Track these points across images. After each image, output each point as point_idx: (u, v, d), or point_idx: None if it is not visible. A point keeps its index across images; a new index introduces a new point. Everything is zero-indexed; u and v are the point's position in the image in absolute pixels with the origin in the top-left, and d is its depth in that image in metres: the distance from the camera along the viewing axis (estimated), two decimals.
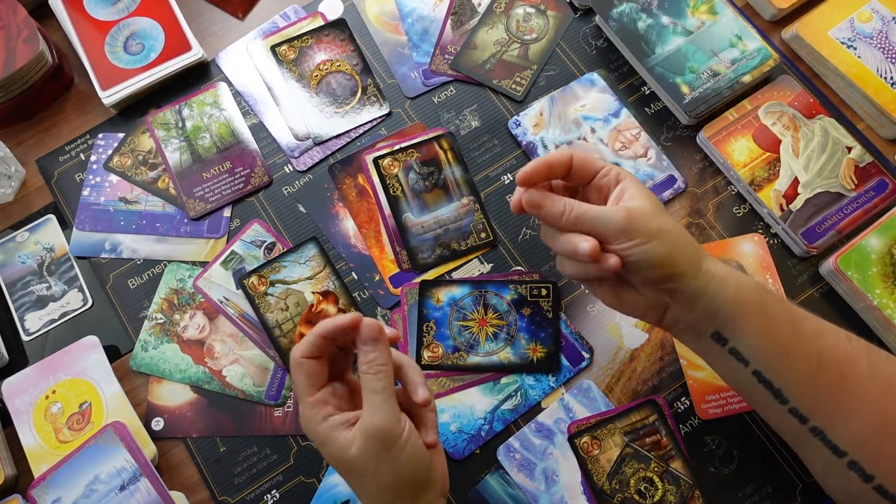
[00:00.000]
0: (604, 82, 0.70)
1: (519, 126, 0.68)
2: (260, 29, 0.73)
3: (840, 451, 0.44)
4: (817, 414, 0.45)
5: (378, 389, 0.43)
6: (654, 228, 0.45)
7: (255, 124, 0.70)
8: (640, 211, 0.45)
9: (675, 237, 0.46)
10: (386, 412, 0.42)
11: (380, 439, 0.42)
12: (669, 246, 0.45)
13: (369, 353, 0.43)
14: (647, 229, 0.44)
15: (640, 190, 0.47)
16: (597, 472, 0.57)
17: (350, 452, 0.42)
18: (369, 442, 0.42)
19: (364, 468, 0.43)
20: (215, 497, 0.59)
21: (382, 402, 0.43)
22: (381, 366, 0.43)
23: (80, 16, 0.71)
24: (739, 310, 0.45)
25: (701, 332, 0.47)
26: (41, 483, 0.55)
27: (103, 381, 0.60)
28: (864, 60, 0.67)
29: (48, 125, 0.71)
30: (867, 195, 0.63)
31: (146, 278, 0.65)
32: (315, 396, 0.45)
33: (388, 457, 0.42)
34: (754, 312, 0.45)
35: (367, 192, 0.67)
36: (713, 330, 0.46)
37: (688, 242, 0.47)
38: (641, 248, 0.44)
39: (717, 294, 0.45)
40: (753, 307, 0.45)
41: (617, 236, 0.45)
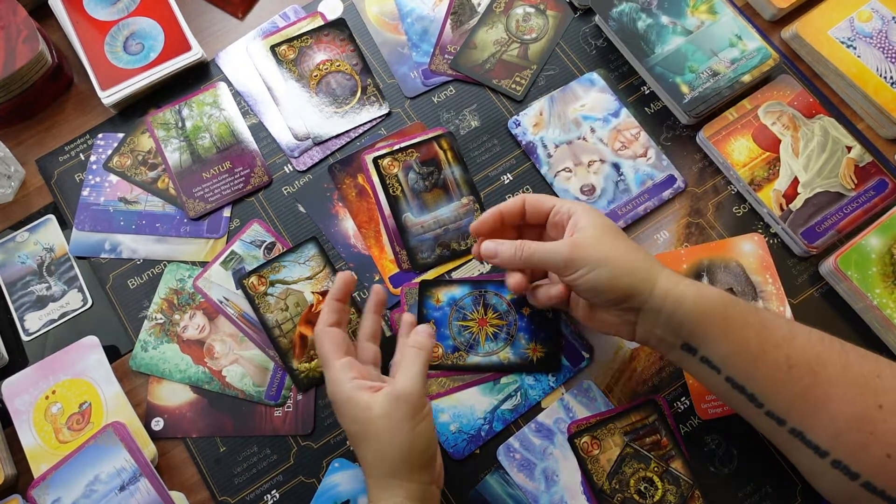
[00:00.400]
0: (603, 82, 0.69)
1: (519, 126, 0.68)
2: (260, 29, 0.73)
3: (821, 451, 0.45)
4: (793, 416, 0.45)
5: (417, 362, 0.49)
6: (596, 257, 0.48)
7: (254, 124, 0.70)
8: (583, 243, 0.49)
9: (621, 262, 0.48)
10: (420, 383, 0.48)
11: (408, 403, 0.46)
12: (614, 271, 0.48)
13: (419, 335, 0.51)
14: (591, 259, 0.48)
15: (590, 219, 0.51)
16: (597, 472, 0.57)
17: (372, 412, 0.46)
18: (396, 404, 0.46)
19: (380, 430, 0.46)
20: (215, 497, 0.59)
21: (418, 374, 0.48)
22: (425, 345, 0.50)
23: (79, 16, 0.71)
24: (701, 322, 0.47)
25: (671, 345, 0.49)
26: (41, 483, 0.55)
27: (103, 381, 0.60)
28: (864, 60, 0.67)
29: (48, 125, 0.71)
30: (867, 195, 0.63)
31: (146, 278, 0.65)
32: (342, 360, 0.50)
33: (409, 423, 0.46)
34: (717, 323, 0.47)
35: (366, 192, 0.67)
36: (681, 342, 0.49)
37: (637, 265, 0.49)
38: (586, 276, 0.48)
39: (675, 310, 0.47)
40: (716, 318, 0.47)
41: (564, 268, 0.49)
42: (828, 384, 0.45)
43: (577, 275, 0.49)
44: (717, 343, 0.47)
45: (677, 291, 0.48)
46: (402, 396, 0.47)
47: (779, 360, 0.45)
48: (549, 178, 0.66)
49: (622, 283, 0.48)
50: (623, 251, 0.49)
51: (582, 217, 0.51)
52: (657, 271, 0.49)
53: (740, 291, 0.61)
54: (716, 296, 0.48)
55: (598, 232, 0.50)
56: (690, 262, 0.63)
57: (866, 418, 0.44)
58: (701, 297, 0.47)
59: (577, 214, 0.51)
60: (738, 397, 0.48)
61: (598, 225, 0.50)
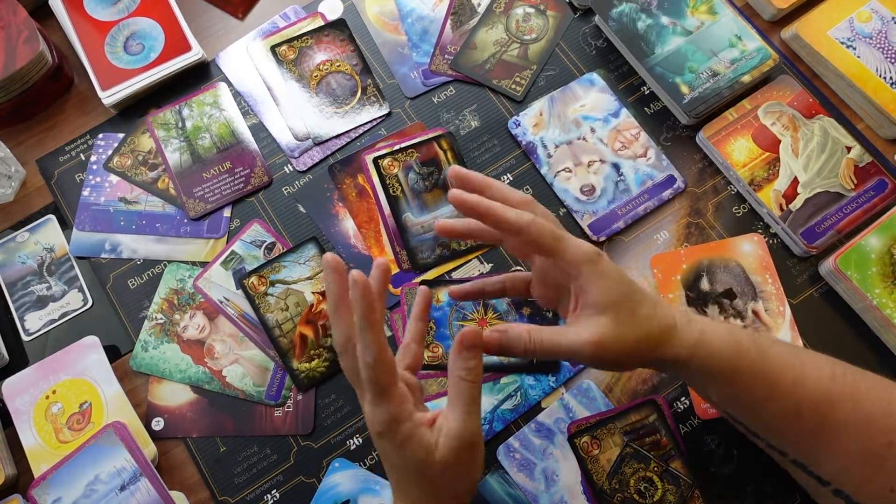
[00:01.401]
0: (603, 82, 0.70)
1: (519, 126, 0.68)
2: (260, 29, 0.73)
3: (823, 482, 0.44)
4: (796, 452, 0.45)
5: (476, 398, 0.42)
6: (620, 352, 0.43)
7: (254, 124, 0.70)
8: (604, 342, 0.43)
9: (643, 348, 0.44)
10: (478, 422, 0.42)
11: (472, 448, 0.42)
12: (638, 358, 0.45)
13: (470, 360, 0.42)
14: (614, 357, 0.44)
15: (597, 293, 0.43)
16: (596, 471, 0.57)
17: (435, 456, 0.41)
18: (461, 450, 0.41)
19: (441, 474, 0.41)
20: (215, 497, 0.59)
21: (476, 411, 0.42)
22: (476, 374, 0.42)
23: (80, 16, 0.71)
24: (707, 382, 0.46)
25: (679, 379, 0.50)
26: (41, 483, 0.55)
27: (103, 381, 0.60)
28: (864, 60, 0.67)
29: (48, 125, 0.71)
30: (867, 195, 0.63)
31: (146, 278, 0.65)
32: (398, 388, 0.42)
33: (471, 466, 0.42)
34: (723, 384, 0.45)
35: (366, 192, 0.67)
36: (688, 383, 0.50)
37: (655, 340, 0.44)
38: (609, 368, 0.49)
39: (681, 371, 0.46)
40: (721, 377, 0.45)
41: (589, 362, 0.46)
42: (837, 424, 0.44)
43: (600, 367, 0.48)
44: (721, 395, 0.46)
45: (685, 353, 0.44)
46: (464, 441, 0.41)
47: (787, 407, 0.44)
48: (549, 178, 0.66)
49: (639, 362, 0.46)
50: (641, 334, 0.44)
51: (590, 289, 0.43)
52: (670, 336, 0.44)
53: (740, 291, 0.61)
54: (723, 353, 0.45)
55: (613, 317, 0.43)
56: (690, 262, 0.63)
57: (875, 455, 0.43)
58: (708, 358, 0.45)
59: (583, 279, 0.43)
60: (738, 426, 0.48)
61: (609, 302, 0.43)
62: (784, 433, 0.45)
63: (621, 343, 0.43)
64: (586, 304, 0.44)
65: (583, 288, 0.43)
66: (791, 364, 0.45)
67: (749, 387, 0.45)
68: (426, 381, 0.60)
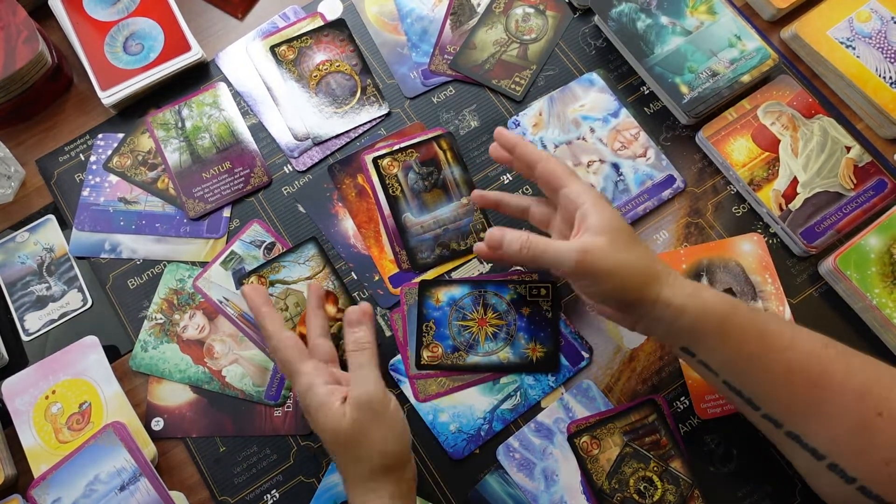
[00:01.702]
0: (603, 82, 0.70)
1: (518, 126, 0.68)
2: (259, 29, 0.73)
3: (818, 455, 0.45)
4: (790, 420, 0.45)
5: (364, 363, 0.47)
6: (604, 269, 0.46)
7: (254, 124, 0.70)
8: (593, 251, 0.46)
9: (628, 274, 0.47)
10: (372, 383, 0.47)
11: (370, 408, 0.46)
12: (620, 284, 0.47)
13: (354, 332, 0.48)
14: (599, 270, 0.46)
15: (600, 217, 0.48)
16: (596, 471, 0.57)
17: (344, 422, 0.46)
18: (360, 411, 0.46)
19: (355, 438, 0.46)
20: (215, 497, 0.59)
21: (368, 373, 0.47)
22: (364, 343, 0.48)
23: (79, 16, 0.71)
24: (698, 335, 0.47)
25: (671, 344, 0.50)
26: (41, 483, 0.55)
27: (103, 381, 0.60)
28: (863, 60, 0.67)
29: (48, 125, 0.71)
30: (866, 195, 0.63)
31: (146, 278, 0.65)
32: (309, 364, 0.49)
33: (376, 426, 0.46)
34: (714, 336, 0.47)
35: (366, 192, 0.67)
36: (680, 345, 0.49)
37: (643, 276, 0.47)
38: (592, 288, 0.48)
39: (673, 321, 0.47)
40: (713, 332, 0.47)
41: (570, 275, 0.48)
42: (828, 391, 0.44)
43: (582, 284, 0.48)
44: (714, 352, 0.47)
45: (678, 302, 0.47)
46: (361, 403, 0.46)
47: (778, 366, 0.45)
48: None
49: (625, 296, 0.48)
50: (632, 260, 0.47)
51: (591, 213, 0.48)
52: (662, 280, 0.48)
53: (739, 291, 0.61)
54: (717, 306, 0.47)
55: (608, 238, 0.47)
56: (690, 262, 0.63)
57: (866, 426, 0.43)
58: (702, 309, 0.47)
59: (586, 207, 0.49)
60: (735, 398, 0.48)
61: (608, 227, 0.48)
62: (776, 395, 0.46)
63: (608, 260, 0.46)
64: (587, 228, 0.48)
65: (585, 214, 0.48)
66: (783, 329, 0.47)
67: (741, 342, 0.46)
68: (426, 381, 0.60)
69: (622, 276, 0.47)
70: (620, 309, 0.50)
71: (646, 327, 0.50)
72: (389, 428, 0.46)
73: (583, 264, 0.46)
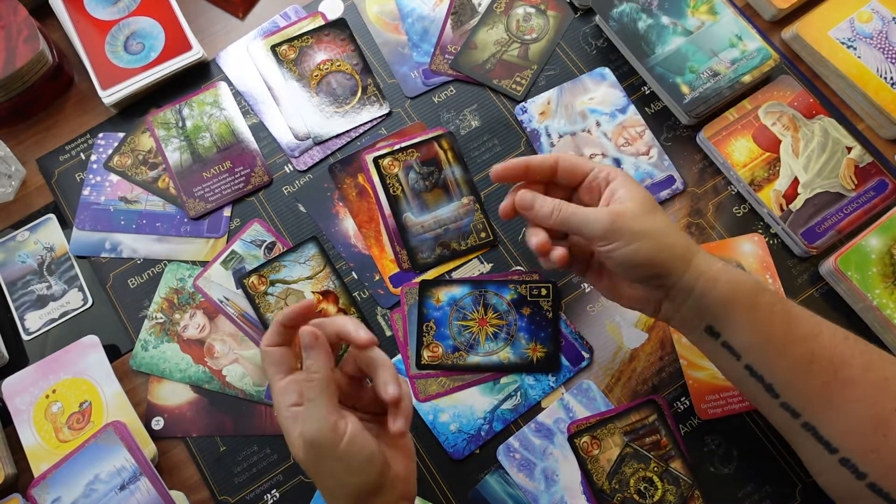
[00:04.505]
0: (614, 77, 0.70)
1: (525, 112, 0.69)
2: (260, 29, 0.73)
3: (832, 448, 0.44)
4: (808, 409, 0.45)
5: (313, 397, 0.43)
6: (637, 230, 0.46)
7: (255, 124, 0.70)
8: (625, 213, 0.46)
9: (660, 238, 0.47)
10: (316, 421, 0.42)
11: (317, 446, 0.42)
12: (653, 247, 0.46)
13: (306, 359, 0.43)
14: (630, 231, 0.46)
15: (630, 190, 0.48)
16: (596, 471, 0.57)
17: (300, 454, 0.43)
18: (309, 448, 0.43)
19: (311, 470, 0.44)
20: (215, 496, 0.59)
21: (314, 409, 0.43)
22: (314, 373, 0.43)
23: (80, 15, 0.71)
24: (729, 308, 0.46)
25: (694, 326, 0.49)
26: (41, 482, 0.55)
27: (103, 380, 0.60)
28: (864, 61, 0.67)
29: (48, 125, 0.71)
30: (867, 195, 0.63)
31: (146, 278, 0.65)
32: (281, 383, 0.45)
33: (328, 462, 0.43)
34: (744, 310, 0.46)
35: (367, 192, 0.67)
36: (705, 324, 0.48)
37: (675, 242, 0.47)
38: (623, 249, 0.46)
39: (705, 293, 0.46)
40: (744, 305, 0.46)
41: (600, 238, 0.47)
42: (847, 382, 0.44)
43: (613, 246, 0.46)
44: (741, 330, 0.46)
45: (711, 273, 0.46)
46: (306, 441, 0.43)
47: (802, 353, 0.45)
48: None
49: (658, 260, 0.46)
50: (662, 226, 0.47)
51: (621, 185, 0.48)
52: (693, 250, 0.48)
53: None
54: (748, 282, 0.47)
55: (639, 204, 0.47)
56: None
57: (881, 420, 0.43)
58: (733, 281, 0.46)
59: (617, 182, 0.49)
60: (754, 386, 0.47)
61: (639, 197, 0.48)
62: (798, 382, 0.45)
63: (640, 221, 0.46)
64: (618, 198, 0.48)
65: (614, 188, 0.48)
66: (807, 316, 0.47)
67: (769, 322, 0.46)
68: (426, 381, 0.60)
69: (653, 239, 0.46)
70: (649, 280, 0.48)
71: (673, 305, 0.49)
72: (343, 463, 0.42)
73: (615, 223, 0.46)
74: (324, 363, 0.44)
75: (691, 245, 0.48)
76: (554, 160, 0.51)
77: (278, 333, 0.47)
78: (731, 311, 0.46)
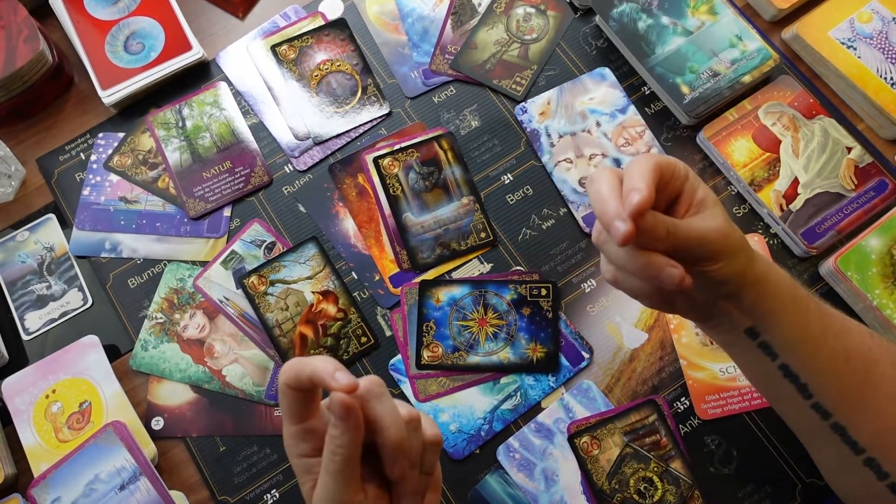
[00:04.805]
0: (614, 78, 0.70)
1: (525, 112, 0.69)
2: (260, 29, 0.73)
3: (858, 448, 0.44)
4: (841, 409, 0.44)
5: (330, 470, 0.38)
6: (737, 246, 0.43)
7: (255, 124, 0.70)
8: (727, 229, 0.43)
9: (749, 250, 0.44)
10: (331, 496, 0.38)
11: None
12: (746, 260, 0.44)
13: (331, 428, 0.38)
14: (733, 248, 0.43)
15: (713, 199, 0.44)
16: (596, 472, 0.57)
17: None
18: None
19: None
20: (215, 496, 0.59)
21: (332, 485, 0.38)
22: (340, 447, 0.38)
23: (80, 15, 0.71)
24: (775, 306, 0.45)
25: (735, 326, 0.46)
26: (41, 482, 0.55)
27: (103, 380, 0.60)
28: (865, 61, 0.67)
29: (48, 124, 0.71)
30: (867, 195, 0.63)
31: (146, 278, 0.65)
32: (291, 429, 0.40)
33: None
34: (789, 309, 0.45)
35: (367, 192, 0.67)
36: (749, 325, 0.45)
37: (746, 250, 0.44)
38: (725, 268, 0.43)
39: (759, 294, 0.44)
40: (788, 303, 0.45)
41: (709, 258, 0.42)
42: (880, 381, 0.44)
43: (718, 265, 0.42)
44: (784, 326, 0.45)
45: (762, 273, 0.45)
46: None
47: (837, 350, 0.44)
48: (550, 167, 0.66)
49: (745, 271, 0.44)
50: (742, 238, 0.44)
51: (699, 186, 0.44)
52: (749, 254, 0.44)
53: None
54: (787, 278, 0.46)
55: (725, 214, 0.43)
56: None
57: None
58: (779, 276, 0.45)
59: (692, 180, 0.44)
60: (786, 388, 0.45)
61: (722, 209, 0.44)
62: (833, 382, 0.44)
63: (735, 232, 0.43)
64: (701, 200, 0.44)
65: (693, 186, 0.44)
66: (835, 313, 0.46)
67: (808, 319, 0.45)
68: (426, 381, 0.60)
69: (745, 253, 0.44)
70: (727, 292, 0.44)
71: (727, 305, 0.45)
72: None
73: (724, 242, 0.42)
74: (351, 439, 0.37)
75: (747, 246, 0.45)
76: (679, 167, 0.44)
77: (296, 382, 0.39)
78: (778, 308, 0.45)
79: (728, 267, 0.43)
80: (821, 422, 0.45)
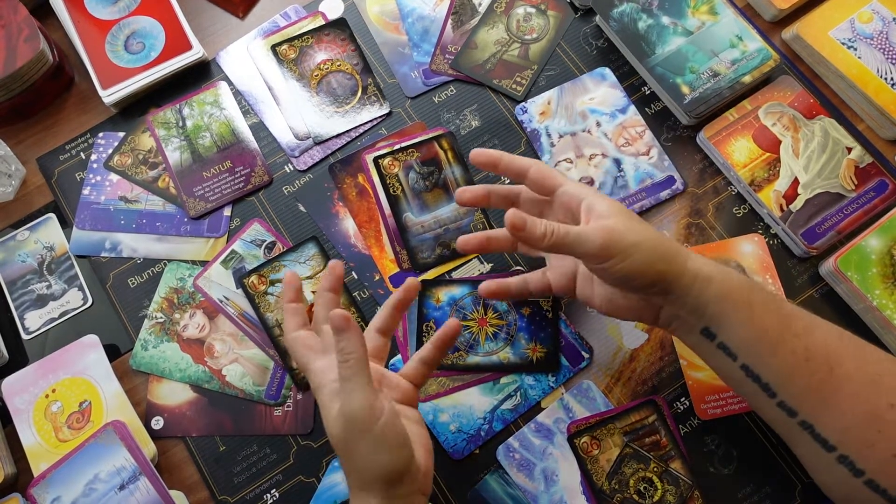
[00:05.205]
0: (615, 77, 0.69)
1: (525, 112, 0.69)
2: (260, 28, 0.73)
3: (829, 446, 0.45)
4: (804, 408, 0.45)
5: (348, 377, 0.44)
6: (631, 242, 0.46)
7: (255, 123, 0.70)
8: (616, 228, 0.46)
9: (654, 246, 0.47)
10: (357, 399, 0.44)
11: (354, 424, 0.44)
12: (650, 256, 0.46)
13: (339, 342, 0.44)
14: (625, 245, 0.46)
15: (608, 204, 0.48)
16: (596, 472, 0.57)
17: (336, 431, 0.45)
18: (346, 425, 0.44)
19: (345, 449, 0.45)
20: (215, 496, 0.59)
21: (354, 386, 0.44)
22: (349, 353, 0.44)
23: (80, 15, 0.71)
24: (724, 306, 0.47)
25: (691, 328, 0.49)
26: (41, 482, 0.55)
27: (103, 380, 0.60)
28: (865, 61, 0.67)
29: (48, 124, 0.71)
30: (867, 196, 0.63)
31: (146, 277, 0.65)
32: (321, 363, 0.48)
33: (363, 441, 0.44)
34: (740, 308, 0.46)
35: (367, 192, 0.67)
36: (702, 326, 0.48)
37: (668, 247, 0.48)
38: (622, 264, 0.46)
39: (701, 291, 0.47)
40: (739, 303, 0.46)
41: (595, 256, 0.46)
42: (843, 379, 0.45)
43: (611, 262, 0.46)
44: (738, 328, 0.46)
45: (705, 272, 0.47)
46: (346, 417, 0.44)
47: (797, 350, 0.45)
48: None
49: (656, 268, 0.47)
50: (652, 234, 0.48)
51: (597, 202, 0.48)
52: (685, 253, 0.48)
53: None
54: (741, 279, 0.48)
55: (623, 217, 0.47)
56: None
57: (876, 416, 0.44)
58: (727, 280, 0.47)
59: (590, 200, 0.49)
60: (751, 386, 0.47)
61: (618, 210, 0.48)
62: (794, 379, 0.45)
63: (631, 233, 0.46)
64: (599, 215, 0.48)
65: (591, 204, 0.48)
66: (801, 314, 0.47)
67: (765, 319, 0.46)
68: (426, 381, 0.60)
69: (648, 248, 0.46)
70: (648, 288, 0.48)
71: (672, 309, 0.49)
72: (378, 442, 0.43)
73: (608, 239, 0.46)
74: (357, 343, 0.44)
75: (681, 248, 0.49)
76: (528, 165, 0.52)
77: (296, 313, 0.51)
78: (726, 309, 0.46)
79: (625, 264, 0.46)
80: (788, 419, 0.46)
